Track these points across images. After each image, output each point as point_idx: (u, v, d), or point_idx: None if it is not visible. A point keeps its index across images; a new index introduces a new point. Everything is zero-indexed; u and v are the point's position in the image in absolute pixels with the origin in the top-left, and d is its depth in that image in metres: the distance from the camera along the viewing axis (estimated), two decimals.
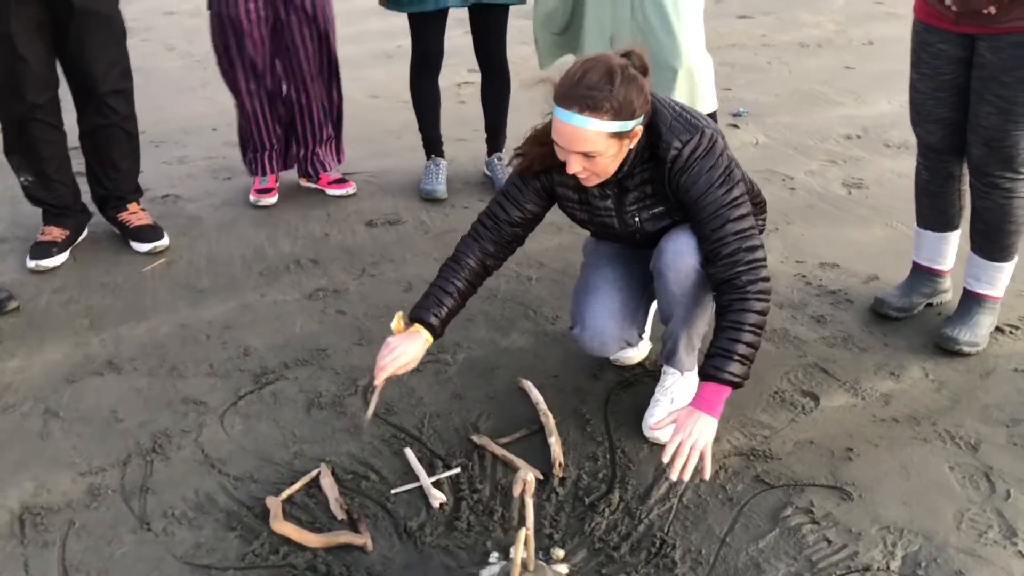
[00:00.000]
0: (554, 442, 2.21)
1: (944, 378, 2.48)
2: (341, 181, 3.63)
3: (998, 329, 2.68)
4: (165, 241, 3.23)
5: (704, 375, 1.98)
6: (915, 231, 2.81)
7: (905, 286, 2.81)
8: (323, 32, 3.33)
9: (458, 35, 3.44)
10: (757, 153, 4.02)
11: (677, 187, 2.00)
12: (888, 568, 1.88)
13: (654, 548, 1.94)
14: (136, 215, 3.26)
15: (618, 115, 1.85)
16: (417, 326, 2.09)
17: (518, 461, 2.16)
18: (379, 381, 2.03)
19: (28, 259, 3.10)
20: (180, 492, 2.11)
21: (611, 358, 2.53)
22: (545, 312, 2.82)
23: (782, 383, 2.47)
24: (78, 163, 3.28)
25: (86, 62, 2.97)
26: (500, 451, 2.21)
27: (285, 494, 2.08)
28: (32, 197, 3.17)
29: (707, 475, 1.91)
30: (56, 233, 3.15)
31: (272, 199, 3.59)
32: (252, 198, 3.59)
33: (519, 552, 1.59)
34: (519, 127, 3.69)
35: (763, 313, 1.98)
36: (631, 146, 1.96)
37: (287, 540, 1.96)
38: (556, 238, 3.24)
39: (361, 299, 2.91)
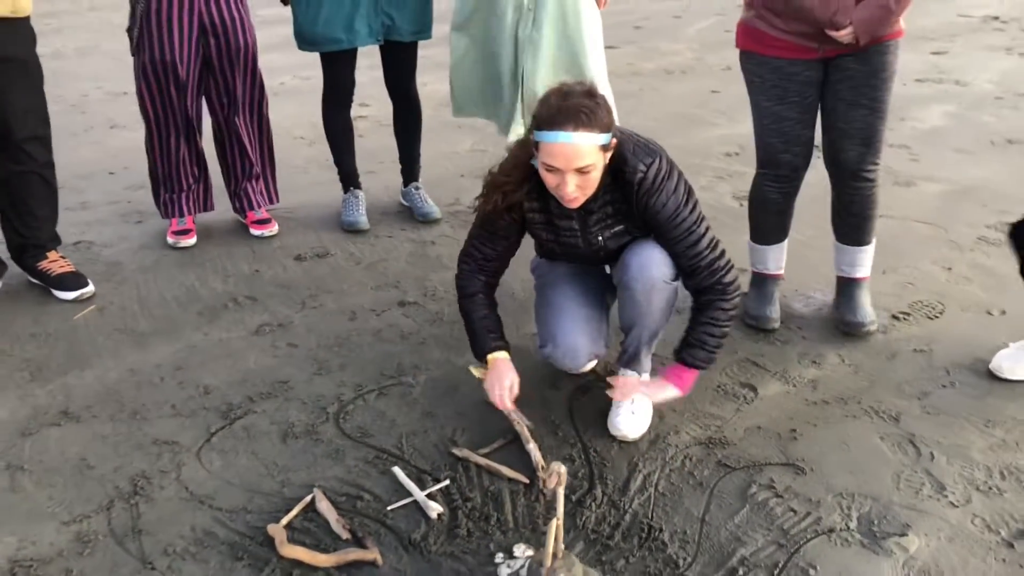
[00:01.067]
0: (533, 448, 2.35)
1: (858, 362, 2.79)
2: (265, 221, 3.65)
3: (893, 317, 3.02)
4: (91, 288, 3.17)
5: (679, 359, 2.26)
6: (754, 248, 3.04)
7: (764, 297, 3.00)
8: (252, 67, 3.38)
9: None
10: None
11: (645, 207, 2.19)
12: (848, 528, 2.13)
13: (643, 533, 2.11)
14: (57, 263, 3.18)
15: (604, 128, 2.04)
16: (492, 357, 2.34)
17: (505, 469, 2.29)
18: (510, 407, 2.34)
19: None
20: (175, 530, 2.11)
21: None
22: None
23: (722, 377, 2.71)
24: None
25: (2, 108, 2.90)
26: (483, 461, 2.33)
27: (285, 520, 2.13)
28: None
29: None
30: None
31: (191, 240, 3.57)
32: (170, 240, 3.56)
33: (551, 542, 1.72)
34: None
35: (736, 308, 2.27)
36: (606, 161, 2.14)
37: (298, 563, 2.01)
38: None
39: (308, 331, 2.96)
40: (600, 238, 2.30)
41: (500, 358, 2.35)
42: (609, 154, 2.13)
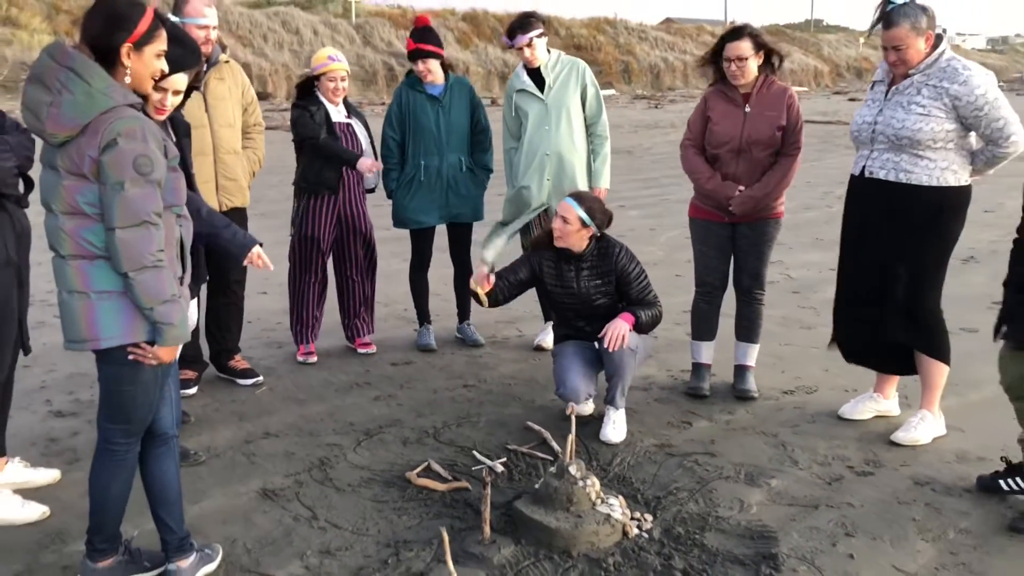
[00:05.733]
0: (553, 444, 3.97)
1: (756, 412, 4.42)
2: (368, 344, 5.38)
3: (783, 392, 4.68)
4: (261, 378, 4.84)
5: (628, 310, 3.99)
6: (693, 344, 4.75)
7: (699, 376, 4.68)
8: (370, 246, 5.23)
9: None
10: None
11: (622, 270, 4.03)
12: (738, 477, 3.71)
13: (620, 480, 3.69)
14: (240, 362, 4.88)
15: (589, 213, 3.92)
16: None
17: (538, 453, 3.90)
18: (483, 274, 4.18)
19: None
20: (351, 478, 3.70)
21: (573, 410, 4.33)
22: (525, 398, 4.61)
23: (671, 418, 4.33)
24: None
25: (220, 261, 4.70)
26: (525, 449, 3.94)
27: (415, 471, 3.71)
28: None
29: (629, 344, 3.95)
30: (190, 373, 4.70)
31: (314, 358, 5.25)
32: (300, 358, 5.24)
33: (569, 447, 3.32)
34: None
35: (657, 317, 4.10)
36: (587, 237, 3.96)
37: (425, 488, 3.58)
38: (519, 366, 5.09)
39: (409, 398, 4.61)
40: (584, 285, 4.11)
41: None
42: (588, 231, 3.99)
